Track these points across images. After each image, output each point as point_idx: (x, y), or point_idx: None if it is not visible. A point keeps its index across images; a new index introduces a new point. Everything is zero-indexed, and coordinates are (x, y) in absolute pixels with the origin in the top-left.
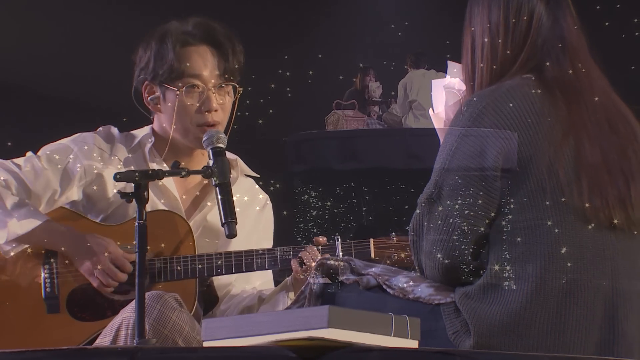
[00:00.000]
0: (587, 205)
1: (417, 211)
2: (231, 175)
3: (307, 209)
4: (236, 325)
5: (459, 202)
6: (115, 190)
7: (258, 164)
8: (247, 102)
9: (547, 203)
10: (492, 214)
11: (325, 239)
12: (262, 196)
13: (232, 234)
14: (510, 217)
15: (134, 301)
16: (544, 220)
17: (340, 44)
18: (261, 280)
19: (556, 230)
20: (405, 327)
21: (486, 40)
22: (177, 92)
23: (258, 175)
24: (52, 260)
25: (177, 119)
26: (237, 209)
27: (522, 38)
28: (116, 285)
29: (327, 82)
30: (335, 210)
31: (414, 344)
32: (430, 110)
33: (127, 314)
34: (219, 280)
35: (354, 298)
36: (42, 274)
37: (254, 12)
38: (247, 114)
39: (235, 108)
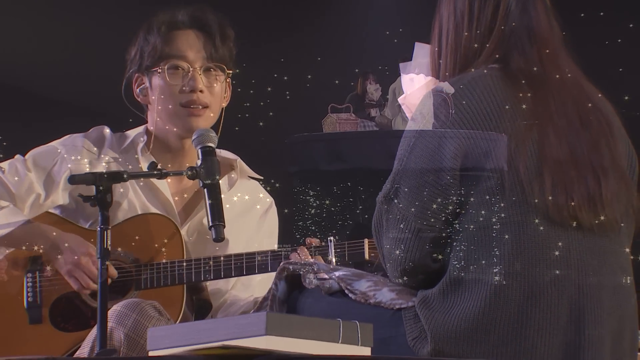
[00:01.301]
0: (549, 203)
1: (376, 210)
2: (231, 176)
3: (305, 208)
4: (179, 333)
5: (416, 202)
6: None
7: (259, 165)
8: (248, 104)
9: (507, 201)
10: (450, 214)
11: (318, 240)
12: (266, 199)
13: (219, 238)
14: (469, 216)
15: (112, 310)
16: (505, 219)
17: (338, 48)
18: (262, 276)
19: (517, 230)
20: (356, 333)
21: (451, 27)
22: (159, 70)
23: (262, 177)
24: (35, 269)
25: (161, 101)
26: (238, 212)
27: (487, 27)
28: (95, 288)
29: (327, 86)
30: (332, 209)
31: (365, 350)
32: (401, 97)
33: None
34: (214, 287)
35: (316, 303)
36: (25, 283)
37: (253, 14)
38: (247, 115)
39: (225, 92)
